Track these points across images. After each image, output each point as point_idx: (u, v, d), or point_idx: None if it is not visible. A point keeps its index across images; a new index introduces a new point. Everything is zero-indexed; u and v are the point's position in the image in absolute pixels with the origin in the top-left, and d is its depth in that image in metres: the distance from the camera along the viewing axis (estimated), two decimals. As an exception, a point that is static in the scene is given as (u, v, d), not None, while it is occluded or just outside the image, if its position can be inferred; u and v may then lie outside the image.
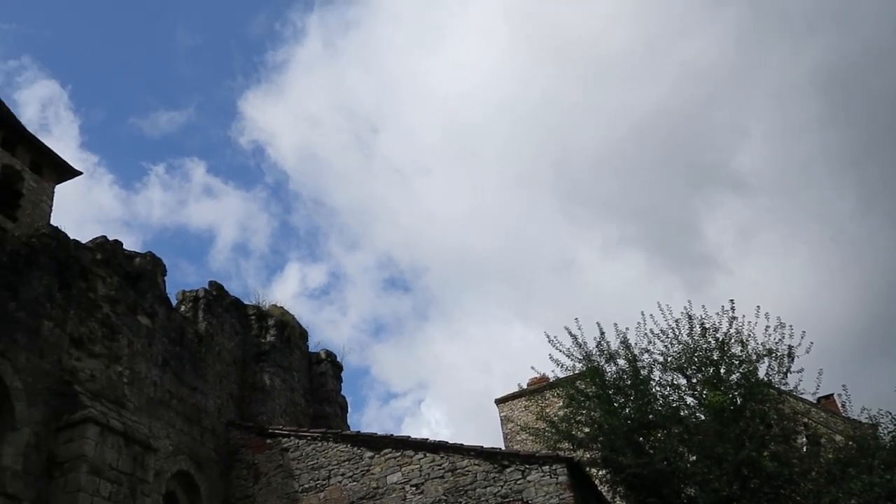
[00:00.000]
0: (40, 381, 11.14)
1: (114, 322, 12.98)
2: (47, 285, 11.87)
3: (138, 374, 13.24)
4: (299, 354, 18.36)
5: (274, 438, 14.83)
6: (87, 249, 13.03)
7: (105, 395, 12.14)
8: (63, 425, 11.06)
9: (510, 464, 12.55)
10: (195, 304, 15.97)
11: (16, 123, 20.62)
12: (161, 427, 13.32)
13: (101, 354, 12.46)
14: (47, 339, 11.53)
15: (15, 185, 19.49)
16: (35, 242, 11.98)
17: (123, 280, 13.60)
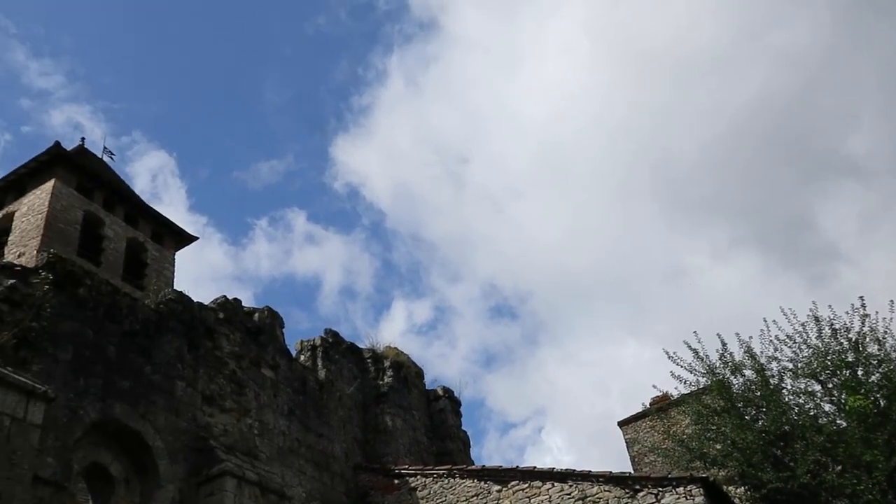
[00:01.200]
0: (178, 439, 11.71)
1: (240, 377, 13.55)
2: (177, 347, 12.54)
3: (267, 425, 13.72)
4: (417, 393, 18.57)
5: (401, 479, 15.00)
6: (210, 310, 13.70)
7: (238, 447, 12.64)
8: (203, 480, 11.56)
9: (642, 488, 12.20)
10: (313, 352, 16.47)
11: (136, 199, 22.09)
12: (293, 475, 13.71)
13: (232, 409, 13.01)
14: (181, 399, 12.14)
15: (140, 256, 20.84)
16: (163, 308, 12.70)
17: (245, 336, 14.21)
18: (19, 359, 9.75)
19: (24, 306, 10.19)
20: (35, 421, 9.15)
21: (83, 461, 10.53)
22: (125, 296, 12.30)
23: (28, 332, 9.98)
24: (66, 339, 10.65)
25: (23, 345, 9.89)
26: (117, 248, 20.04)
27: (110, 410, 10.80)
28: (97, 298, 11.49)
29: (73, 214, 19.15)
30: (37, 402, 9.24)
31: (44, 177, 19.49)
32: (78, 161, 20.31)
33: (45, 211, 18.45)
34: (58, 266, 11.05)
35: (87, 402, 10.51)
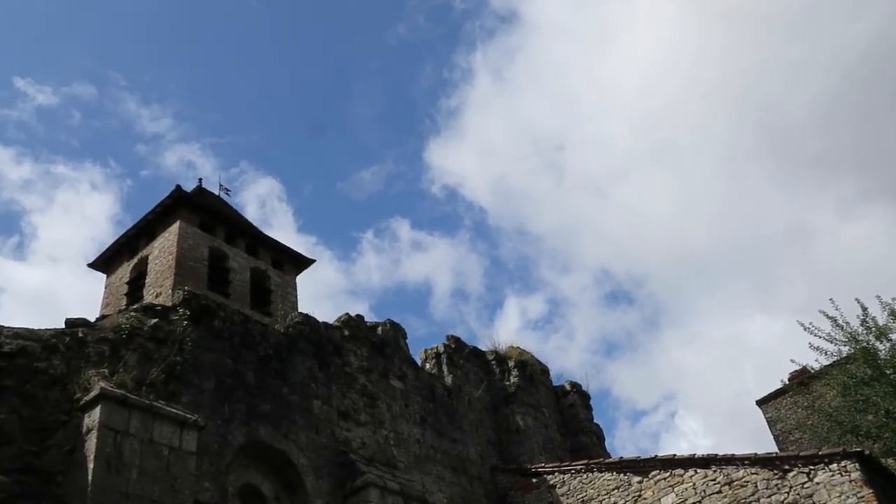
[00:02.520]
0: (321, 455, 12.17)
1: (371, 390, 13.94)
2: (309, 367, 13.04)
3: (402, 435, 14.04)
4: (544, 390, 18.50)
5: (538, 477, 14.97)
6: (335, 328, 14.17)
7: (377, 459, 13.00)
8: (348, 493, 11.96)
9: (791, 467, 11.68)
10: (438, 359, 16.72)
11: (255, 230, 23.11)
12: (432, 481, 13.94)
13: (367, 422, 13.40)
14: (319, 416, 12.61)
15: (264, 284, 21.77)
16: (292, 331, 13.25)
17: (372, 350, 14.61)
18: (169, 392, 10.41)
19: (167, 342, 10.89)
20: (190, 449, 9.76)
21: (236, 483, 11.10)
22: (256, 323, 12.91)
23: (174, 366, 10.65)
24: (208, 369, 11.29)
25: (171, 379, 10.56)
26: (242, 279, 21.02)
27: (255, 433, 11.36)
28: (231, 328, 12.11)
29: (200, 251, 20.24)
30: (189, 431, 9.85)
31: (169, 219, 20.72)
32: (198, 201, 21.46)
33: (174, 251, 19.60)
34: (193, 302, 11.73)
35: (233, 427, 11.10)
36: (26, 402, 9.01)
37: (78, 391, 9.35)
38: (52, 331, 9.86)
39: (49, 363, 9.47)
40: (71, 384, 9.42)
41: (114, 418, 9.08)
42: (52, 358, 9.54)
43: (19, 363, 9.20)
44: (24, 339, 9.43)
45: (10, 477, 8.45)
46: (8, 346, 9.18)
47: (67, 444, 8.98)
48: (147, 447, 9.26)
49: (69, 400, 9.29)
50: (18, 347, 9.27)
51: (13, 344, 9.26)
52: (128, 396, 9.34)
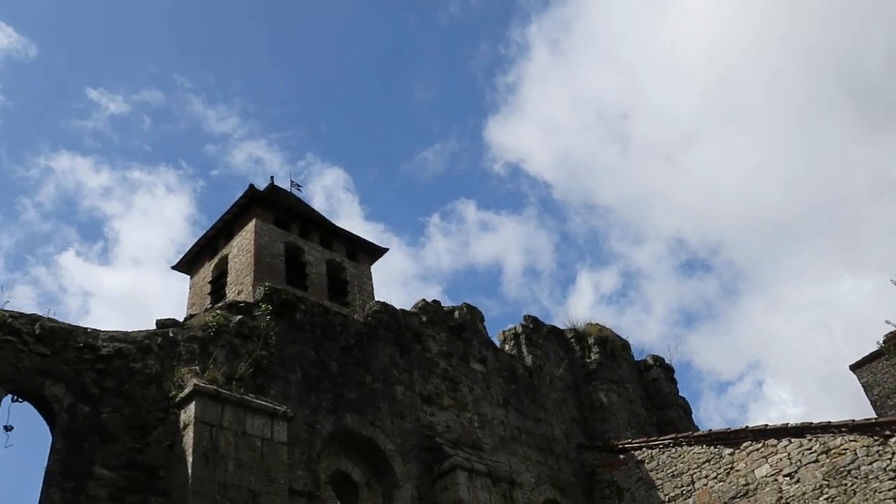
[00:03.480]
0: (407, 440, 12.34)
1: (452, 374, 14.04)
2: (390, 355, 13.22)
3: (485, 417, 14.10)
4: (626, 366, 18.27)
5: (626, 453, 14.83)
6: (413, 315, 14.31)
7: (463, 441, 13.10)
8: (436, 476, 12.10)
9: (893, 433, 11.23)
10: (517, 340, 16.70)
11: (328, 223, 23.51)
12: (518, 462, 13.97)
13: (450, 406, 13.51)
14: (403, 402, 12.78)
15: (339, 276, 22.15)
16: (371, 320, 13.44)
17: (450, 334, 14.70)
18: (257, 385, 10.72)
19: (253, 337, 11.20)
20: (281, 439, 10.04)
21: (327, 470, 11.38)
22: (336, 314, 13.15)
23: (260, 360, 10.96)
24: (293, 361, 11.58)
25: (258, 372, 10.87)
26: (319, 272, 21.44)
27: (342, 421, 11.60)
28: (313, 320, 12.37)
29: (276, 248, 20.73)
30: (280, 422, 10.13)
31: (245, 218, 21.27)
32: (271, 198, 21.95)
33: (252, 249, 20.12)
34: (274, 297, 12.03)
35: (321, 416, 11.36)
36: (126, 402, 9.43)
37: (173, 389, 9.72)
38: (145, 332, 10.27)
39: (144, 363, 9.87)
40: (166, 382, 9.80)
41: (208, 413, 9.41)
42: (146, 358, 9.94)
43: (117, 364, 9.62)
44: (120, 342, 9.85)
45: (116, 472, 8.87)
46: (105, 349, 9.61)
47: (167, 440, 9.36)
48: (241, 439, 9.57)
49: (165, 397, 9.68)
50: (115, 350, 9.69)
51: (110, 346, 9.69)
52: (220, 391, 9.66)
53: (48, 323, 9.39)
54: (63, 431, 8.82)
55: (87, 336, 9.65)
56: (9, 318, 9.02)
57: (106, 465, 8.84)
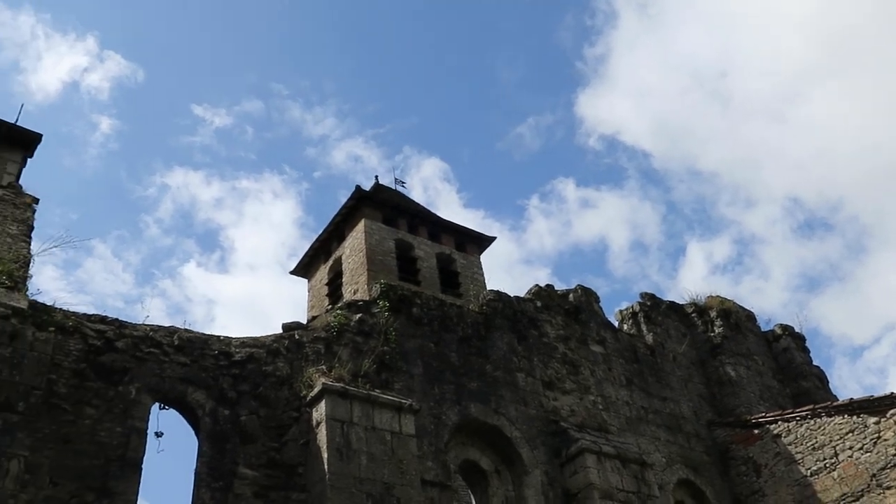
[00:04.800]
0: (532, 426, 12.33)
1: (572, 358, 13.91)
2: (508, 342, 13.24)
3: (609, 399, 13.90)
4: (753, 337, 17.57)
5: (760, 427, 14.28)
6: (528, 301, 14.28)
7: (588, 425, 12.97)
8: (564, 460, 12.05)
9: None
10: (635, 318, 16.37)
11: (434, 217, 23.75)
12: (647, 442, 13.70)
13: (572, 390, 13.41)
14: (524, 389, 12.78)
15: (450, 268, 22.35)
16: (486, 309, 13.50)
17: (566, 318, 14.57)
18: (382, 381, 10.99)
19: (373, 334, 11.48)
20: (409, 432, 10.26)
21: (456, 460, 11.53)
22: (451, 306, 13.28)
23: (383, 356, 11.22)
24: (414, 355, 11.79)
25: (382, 368, 11.13)
26: (429, 266, 21.71)
27: (467, 411, 11.72)
28: (429, 314, 12.55)
29: (387, 245, 21.14)
30: (406, 415, 10.36)
31: (355, 219, 21.79)
32: (378, 197, 22.38)
33: (363, 248, 20.60)
34: (390, 293, 12.28)
35: (445, 407, 11.51)
36: (262, 403, 9.87)
37: (303, 388, 10.10)
38: (273, 336, 10.71)
39: (275, 366, 10.30)
40: (296, 383, 10.20)
41: (338, 410, 9.74)
42: (276, 361, 10.37)
43: (250, 369, 10.08)
44: (251, 347, 10.32)
45: (258, 471, 9.31)
46: (238, 355, 10.09)
47: (302, 438, 9.75)
48: (371, 434, 9.84)
49: (297, 397, 10.07)
50: (247, 355, 10.16)
51: (242, 352, 10.16)
52: (347, 389, 9.97)
53: (185, 333, 9.95)
54: (207, 435, 9.33)
55: (220, 343, 10.16)
56: (150, 332, 9.61)
57: (249, 465, 9.29)
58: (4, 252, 9.01)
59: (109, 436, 8.53)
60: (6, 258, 8.83)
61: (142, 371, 9.23)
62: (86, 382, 8.73)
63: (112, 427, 8.60)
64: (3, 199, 10.11)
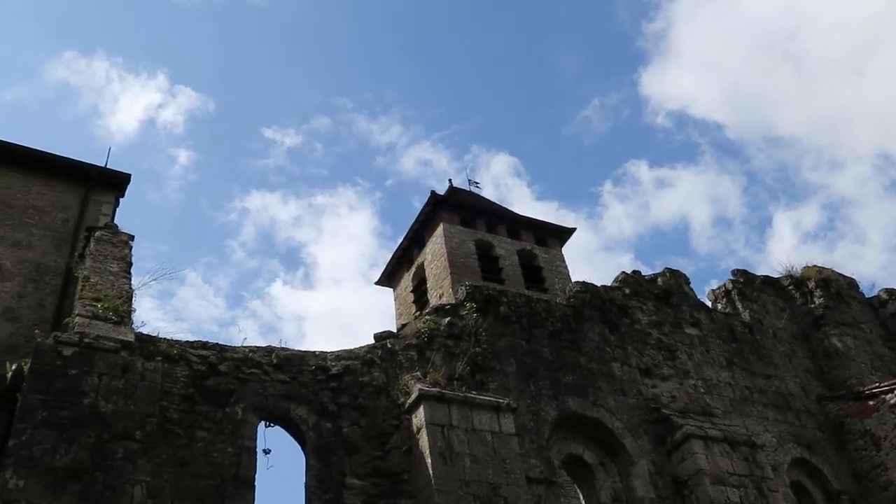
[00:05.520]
0: (633, 415, 12.12)
1: (667, 343, 13.61)
2: (600, 333, 13.06)
3: (710, 382, 13.52)
4: (857, 305, 16.78)
5: (875, 399, 13.62)
6: (615, 289, 14.06)
7: (691, 409, 12.65)
8: (670, 448, 11.78)
9: None
10: (728, 297, 15.89)
11: (511, 214, 23.71)
12: (754, 423, 13.26)
13: (671, 375, 13.11)
14: (621, 378, 12.58)
15: (532, 263, 22.27)
16: (574, 301, 13.36)
17: (657, 303, 14.27)
18: (477, 382, 11.01)
19: (463, 337, 11.52)
20: (509, 431, 10.25)
21: (559, 455, 11.43)
22: (538, 301, 13.21)
23: (475, 357, 11.25)
24: (506, 353, 11.76)
25: (475, 369, 11.15)
26: (511, 263, 21.69)
27: (565, 406, 11.61)
28: (517, 311, 12.51)
29: (467, 247, 21.23)
30: (505, 415, 10.35)
31: (433, 224, 21.96)
32: (454, 200, 22.51)
33: (445, 252, 20.75)
34: (476, 294, 12.30)
35: (543, 403, 11.44)
36: (362, 414, 10.04)
37: (400, 396, 10.22)
38: (366, 347, 10.89)
39: (371, 376, 10.46)
40: (393, 391, 10.33)
41: (437, 415, 9.81)
42: (371, 371, 10.53)
43: (347, 381, 10.27)
44: (346, 359, 10.51)
45: (365, 481, 9.47)
46: (335, 369, 10.30)
47: (404, 445, 9.86)
48: (472, 435, 9.87)
49: (395, 405, 10.20)
50: (343, 367, 10.35)
51: (338, 365, 10.36)
52: (444, 393, 10.03)
53: (282, 352, 10.22)
54: (313, 449, 9.55)
55: (316, 358, 10.39)
56: (249, 353, 9.91)
57: (355, 475, 9.46)
58: (108, 289, 9.46)
59: (222, 456, 8.84)
60: (110, 295, 9.26)
61: (245, 391, 9.53)
62: (195, 407, 9.08)
63: (224, 447, 8.91)
64: (102, 239, 10.62)
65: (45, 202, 12.86)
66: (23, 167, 13.11)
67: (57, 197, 13.05)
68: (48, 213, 12.75)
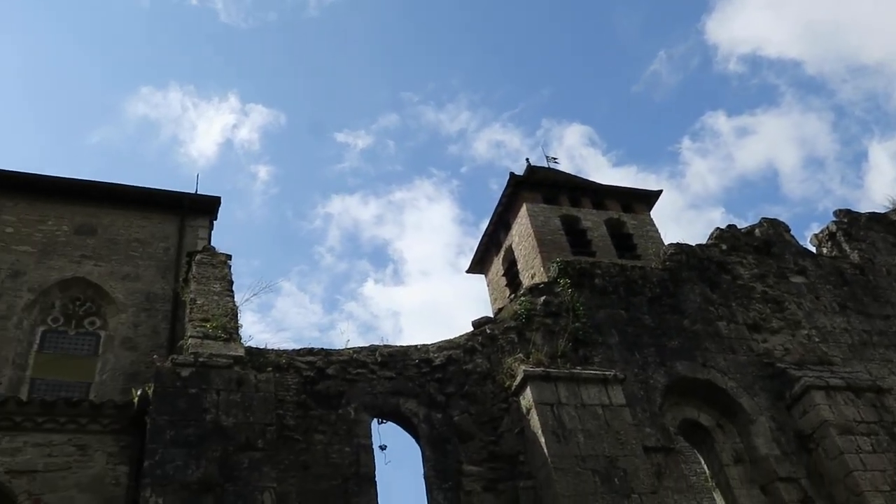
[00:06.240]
0: (746, 373, 11.75)
1: (773, 295, 13.13)
2: (701, 293, 12.72)
3: (824, 329, 12.98)
4: (977, 231, 15.73)
5: None
6: (711, 247, 13.66)
7: (807, 360, 12.18)
8: (790, 402, 11.38)
9: None
10: (833, 239, 15.18)
11: (593, 185, 23.36)
12: (878, 367, 12.65)
13: (781, 328, 12.65)
14: (728, 337, 12.22)
15: (621, 231, 21.89)
16: (669, 264, 13.05)
17: (757, 255, 13.78)
18: (580, 357, 10.93)
19: (561, 314, 11.45)
20: (620, 402, 10.15)
21: (674, 422, 11.22)
22: (633, 269, 12.98)
23: (576, 332, 11.16)
24: (606, 325, 11.62)
25: (578, 345, 11.08)
26: (600, 234, 21.38)
27: (674, 371, 11.38)
28: (612, 281, 12.33)
29: (553, 224, 21.05)
30: (613, 387, 10.26)
31: (516, 206, 21.87)
32: (534, 179, 22.35)
33: (531, 232, 20.64)
34: (568, 269, 12.19)
35: (650, 371, 11.25)
36: (471, 401, 10.14)
37: (506, 380, 10.27)
38: (466, 335, 10.97)
39: (474, 363, 10.54)
40: (498, 375, 10.38)
41: (544, 394, 9.81)
42: (474, 358, 10.61)
43: (452, 371, 10.39)
44: (447, 349, 10.63)
45: (482, 466, 9.57)
46: (438, 360, 10.43)
47: (516, 427, 9.91)
48: (582, 411, 9.83)
49: (502, 389, 10.26)
50: (446, 358, 10.48)
51: (441, 356, 10.49)
52: (549, 371, 10.02)
53: (385, 349, 10.43)
54: (427, 440, 9.71)
55: (419, 352, 10.55)
56: (354, 354, 10.16)
57: (472, 462, 9.57)
58: (214, 309, 9.87)
59: (340, 456, 9.11)
60: (217, 314, 9.67)
61: (355, 392, 9.78)
62: (309, 412, 9.39)
63: (341, 448, 9.17)
64: (202, 262, 11.08)
65: (145, 234, 13.52)
66: (122, 204, 13.81)
67: (156, 228, 13.69)
68: (150, 244, 13.39)
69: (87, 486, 8.13)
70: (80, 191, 13.74)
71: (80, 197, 13.65)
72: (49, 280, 12.46)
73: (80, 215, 13.43)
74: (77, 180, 13.88)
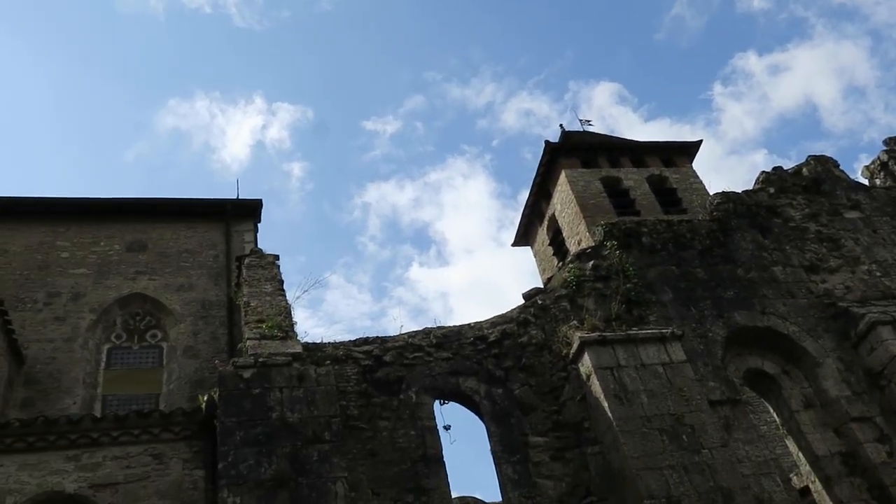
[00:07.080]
0: (807, 316, 11.49)
1: (827, 233, 12.80)
2: (752, 240, 12.46)
3: (885, 263, 12.60)
4: None
5: None
6: (758, 191, 13.35)
7: (870, 297, 11.86)
8: (856, 340, 11.12)
9: None
10: (886, 169, 14.71)
11: (630, 143, 23.01)
12: (947, 295, 12.24)
13: (839, 266, 12.33)
14: (786, 281, 11.96)
15: (664, 186, 21.55)
16: (717, 214, 12.80)
17: (807, 194, 13.42)
18: (635, 318, 10.83)
19: (611, 276, 11.35)
20: (680, 359, 10.04)
21: (738, 373, 11.05)
22: (680, 223, 12.76)
23: (628, 293, 11.06)
24: (658, 283, 11.48)
25: (631, 306, 10.97)
26: (643, 192, 21.08)
27: (732, 321, 11.20)
28: (660, 238, 12.15)
29: (594, 187, 20.82)
30: (672, 344, 10.15)
31: (555, 173, 21.68)
32: (569, 144, 22.11)
33: (573, 198, 20.45)
34: (614, 231, 12.06)
35: (708, 323, 11.09)
36: (529, 374, 10.15)
37: (562, 348, 10.24)
38: (518, 308, 10.97)
39: (529, 335, 10.54)
40: (554, 345, 10.36)
41: (603, 358, 9.76)
42: (528, 330, 10.60)
43: (507, 345, 10.40)
44: (501, 324, 10.64)
45: (547, 436, 9.59)
46: (492, 336, 10.45)
47: (577, 395, 9.88)
48: (642, 371, 9.75)
49: (559, 358, 10.24)
50: (500, 333, 10.49)
51: (495, 332, 10.51)
52: (605, 335, 9.96)
53: (438, 331, 10.49)
54: (490, 416, 9.76)
55: (472, 330, 10.58)
56: (409, 339, 10.25)
57: (537, 433, 9.60)
58: (268, 309, 10.05)
59: (406, 440, 9.22)
60: (272, 314, 9.84)
61: (414, 376, 9.87)
62: (371, 400, 9.51)
63: (406, 432, 9.28)
64: (251, 265, 11.27)
65: (194, 244, 13.80)
66: (167, 217, 14.12)
67: (203, 237, 13.97)
68: (199, 253, 13.68)
69: (166, 492, 8.40)
70: (127, 209, 14.08)
71: (127, 215, 14.00)
72: (108, 299, 12.83)
73: (129, 233, 13.77)
74: (122, 199, 14.24)
